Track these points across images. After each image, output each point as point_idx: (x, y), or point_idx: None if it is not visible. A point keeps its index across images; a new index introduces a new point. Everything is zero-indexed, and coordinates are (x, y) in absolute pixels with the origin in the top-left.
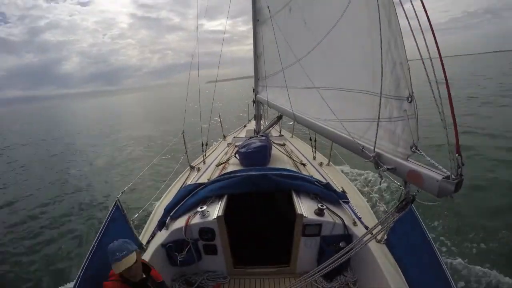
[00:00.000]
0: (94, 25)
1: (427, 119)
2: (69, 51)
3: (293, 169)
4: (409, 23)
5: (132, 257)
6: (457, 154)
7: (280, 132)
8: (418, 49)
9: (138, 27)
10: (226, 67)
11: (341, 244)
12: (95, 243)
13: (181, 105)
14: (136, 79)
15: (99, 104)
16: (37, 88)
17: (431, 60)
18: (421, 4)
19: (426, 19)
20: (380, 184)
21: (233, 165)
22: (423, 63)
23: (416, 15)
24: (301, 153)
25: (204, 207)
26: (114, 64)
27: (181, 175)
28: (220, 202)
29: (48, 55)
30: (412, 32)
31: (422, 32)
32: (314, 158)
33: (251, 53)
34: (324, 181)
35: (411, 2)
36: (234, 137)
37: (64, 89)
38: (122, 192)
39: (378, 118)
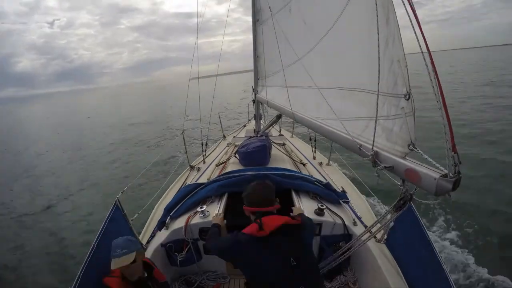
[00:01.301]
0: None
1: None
2: (14, 44)
3: (293, 168)
4: (409, 19)
5: (130, 257)
6: (453, 152)
7: (280, 131)
8: (420, 47)
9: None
10: (209, 63)
11: (341, 244)
12: (94, 243)
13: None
14: (111, 77)
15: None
16: None
17: (431, 58)
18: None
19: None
20: (379, 183)
21: (233, 165)
22: (424, 59)
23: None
24: (301, 153)
25: (204, 207)
26: (78, 61)
27: (181, 175)
28: (220, 202)
29: None
30: (414, 30)
31: (422, 30)
32: (314, 157)
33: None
34: (324, 180)
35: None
36: (234, 136)
37: (30, 89)
38: (121, 192)
39: (376, 116)
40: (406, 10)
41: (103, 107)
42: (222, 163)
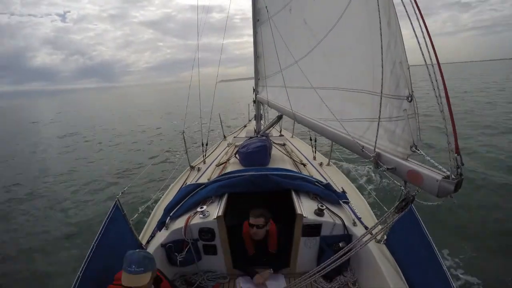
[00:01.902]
0: None
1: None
2: (27, 38)
3: (293, 169)
4: (411, 22)
5: (145, 277)
6: (456, 154)
7: (280, 132)
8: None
9: None
10: (235, 66)
11: (341, 244)
12: (94, 243)
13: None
14: (136, 75)
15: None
16: (21, 83)
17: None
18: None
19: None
20: (380, 184)
21: (233, 165)
22: (425, 61)
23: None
24: (301, 153)
25: (204, 207)
26: (97, 58)
27: (181, 175)
28: (220, 202)
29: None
30: (415, 33)
31: (423, 32)
32: (314, 158)
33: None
34: (324, 181)
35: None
36: (234, 137)
37: (56, 84)
38: (122, 192)
39: (379, 118)
40: (416, 21)
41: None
42: (223, 163)
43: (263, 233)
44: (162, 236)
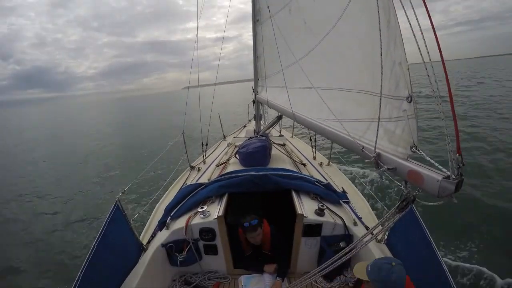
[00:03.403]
0: None
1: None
2: None
3: (293, 169)
4: (409, 23)
5: None
6: (457, 154)
7: (280, 132)
8: (419, 49)
9: None
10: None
11: (341, 244)
12: (95, 243)
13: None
14: (89, 83)
15: None
16: None
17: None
18: (423, 5)
19: (428, 20)
20: (380, 185)
21: (233, 165)
22: (423, 61)
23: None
24: (301, 153)
25: (205, 207)
26: (31, 62)
27: (181, 175)
28: (220, 202)
29: None
30: (413, 32)
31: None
32: (314, 158)
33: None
34: (324, 181)
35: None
36: (234, 137)
37: None
38: (122, 192)
39: (379, 118)
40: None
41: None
42: (223, 163)
43: (261, 237)
44: (162, 236)
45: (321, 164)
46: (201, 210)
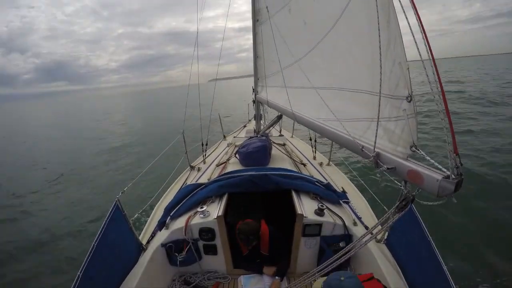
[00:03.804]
0: None
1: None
2: None
3: (293, 169)
4: (408, 23)
5: None
6: (455, 154)
7: (280, 132)
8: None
9: None
10: (229, 63)
11: (341, 244)
12: (94, 243)
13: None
14: (112, 76)
15: None
16: None
17: (434, 60)
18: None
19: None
20: (379, 184)
21: (233, 165)
22: (423, 62)
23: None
24: (301, 153)
25: (204, 207)
26: (50, 56)
27: (181, 175)
28: (220, 202)
29: None
30: (412, 34)
31: (425, 35)
32: (314, 158)
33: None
34: (324, 181)
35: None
36: (234, 137)
37: (19, 89)
38: (122, 192)
39: (378, 118)
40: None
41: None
42: (223, 163)
43: (251, 242)
44: (162, 236)
45: (321, 164)
46: (201, 210)
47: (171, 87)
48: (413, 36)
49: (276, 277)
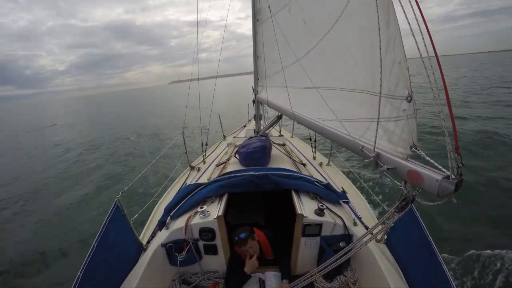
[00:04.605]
0: None
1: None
2: None
3: (293, 169)
4: (408, 22)
5: None
6: (456, 154)
7: (280, 132)
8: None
9: None
10: (190, 63)
11: (341, 244)
12: (94, 243)
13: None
14: (66, 78)
15: None
16: None
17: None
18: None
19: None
20: (379, 184)
21: (233, 165)
22: (423, 61)
23: (415, 14)
24: (301, 153)
25: (204, 207)
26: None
27: (181, 175)
28: (220, 202)
29: None
30: (412, 32)
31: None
32: (314, 158)
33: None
34: (324, 181)
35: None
36: (234, 137)
37: None
38: (122, 192)
39: (378, 118)
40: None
41: None
42: (222, 163)
43: (257, 247)
44: (162, 236)
45: (321, 164)
46: (201, 210)
47: (132, 89)
48: (412, 32)
49: (284, 280)
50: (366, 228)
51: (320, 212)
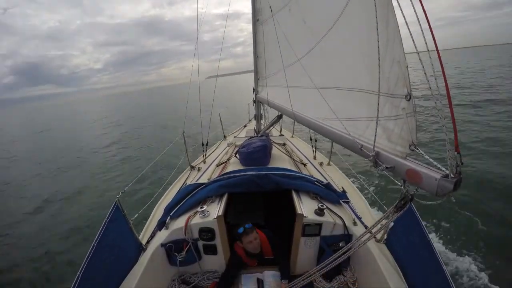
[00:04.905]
0: None
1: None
2: None
3: (294, 168)
4: (405, 21)
5: None
6: (456, 152)
7: (280, 131)
8: (416, 48)
9: None
10: (223, 59)
11: (341, 244)
12: (94, 243)
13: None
14: (103, 76)
15: None
16: None
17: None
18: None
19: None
20: (380, 183)
21: (234, 165)
22: (421, 60)
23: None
24: (302, 153)
25: (204, 207)
26: (20, 60)
27: (181, 175)
28: (220, 202)
29: None
30: (410, 31)
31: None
32: (315, 157)
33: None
34: (324, 180)
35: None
36: (235, 137)
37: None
38: (121, 192)
39: (377, 117)
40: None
41: None
42: (223, 163)
43: (259, 243)
44: (162, 236)
45: (321, 163)
46: (201, 210)
47: (170, 85)
48: (408, 29)
49: (283, 280)
50: (366, 228)
51: (320, 212)
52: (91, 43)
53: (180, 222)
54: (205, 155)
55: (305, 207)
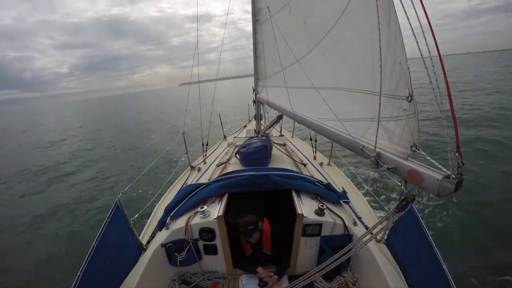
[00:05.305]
0: None
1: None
2: None
3: (294, 169)
4: (409, 21)
5: None
6: (457, 153)
7: (280, 132)
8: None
9: None
10: (195, 65)
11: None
12: (94, 243)
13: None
14: (68, 82)
15: None
16: None
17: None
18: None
19: (426, 18)
20: (380, 184)
21: (234, 165)
22: (424, 61)
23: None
24: (302, 153)
25: (205, 207)
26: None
27: (181, 175)
28: (220, 202)
29: None
30: (413, 31)
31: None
32: (315, 158)
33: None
34: (324, 181)
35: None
36: (235, 137)
37: None
38: (122, 192)
39: (378, 118)
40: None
41: None
42: (223, 163)
43: (258, 234)
44: (162, 236)
45: (321, 164)
46: (201, 210)
47: (142, 91)
48: (413, 31)
49: (275, 275)
50: (366, 228)
51: (320, 212)
52: (50, 44)
53: (181, 222)
54: (205, 155)
55: (306, 207)
